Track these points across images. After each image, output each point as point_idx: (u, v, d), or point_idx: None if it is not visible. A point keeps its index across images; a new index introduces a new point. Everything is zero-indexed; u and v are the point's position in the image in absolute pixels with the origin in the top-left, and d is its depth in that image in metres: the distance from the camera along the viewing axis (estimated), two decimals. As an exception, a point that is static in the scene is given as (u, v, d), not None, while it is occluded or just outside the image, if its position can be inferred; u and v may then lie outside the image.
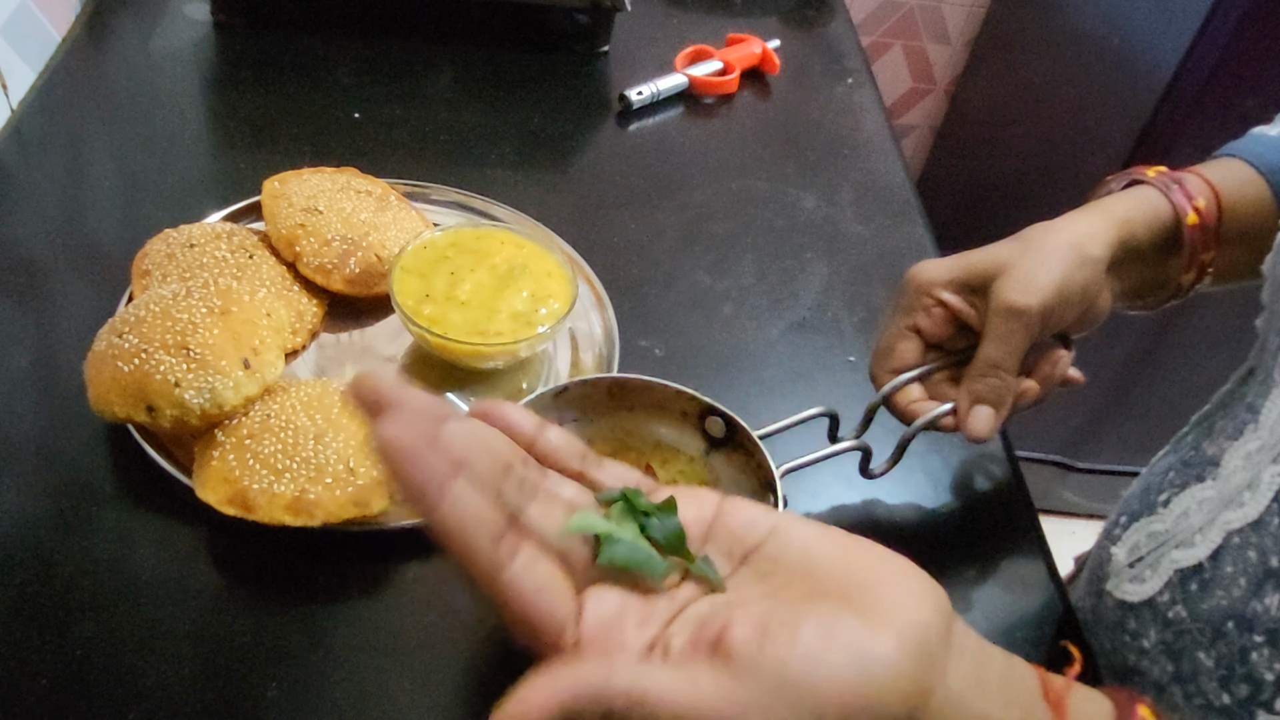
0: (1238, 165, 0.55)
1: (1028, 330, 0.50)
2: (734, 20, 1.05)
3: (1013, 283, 0.50)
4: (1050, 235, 0.52)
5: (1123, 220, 0.53)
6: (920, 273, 0.54)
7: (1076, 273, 0.51)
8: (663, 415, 0.52)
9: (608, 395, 0.51)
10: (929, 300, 0.54)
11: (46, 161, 0.78)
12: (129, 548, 0.54)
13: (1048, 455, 1.63)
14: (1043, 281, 0.50)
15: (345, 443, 0.54)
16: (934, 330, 0.54)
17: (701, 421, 0.51)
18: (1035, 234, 0.53)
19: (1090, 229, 0.52)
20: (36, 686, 0.48)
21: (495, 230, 0.67)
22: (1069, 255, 0.51)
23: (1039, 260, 0.51)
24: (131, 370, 0.53)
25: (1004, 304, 0.50)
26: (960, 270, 0.53)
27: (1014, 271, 0.51)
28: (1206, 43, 1.15)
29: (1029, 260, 0.51)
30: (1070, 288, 0.51)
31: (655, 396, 0.51)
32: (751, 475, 0.50)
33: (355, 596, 0.54)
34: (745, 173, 0.86)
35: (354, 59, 0.92)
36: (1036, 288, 0.50)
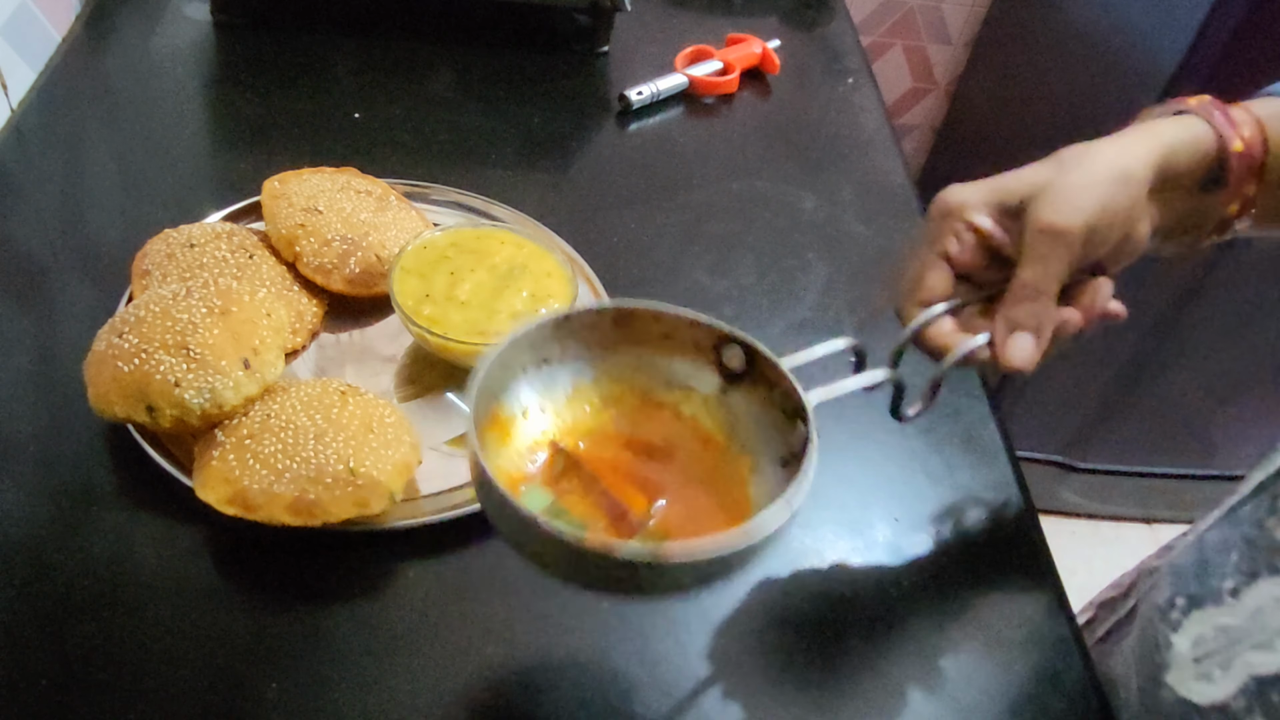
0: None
1: (1069, 252, 0.46)
2: (734, 20, 1.05)
3: (1053, 201, 0.46)
4: (1090, 154, 0.48)
5: (1167, 143, 0.49)
6: (950, 195, 0.50)
7: (1120, 192, 0.47)
8: (674, 348, 0.47)
9: (613, 326, 0.46)
10: (960, 225, 0.49)
11: (46, 161, 0.78)
12: (129, 548, 0.54)
13: (1048, 455, 1.63)
14: (1085, 200, 0.46)
15: (345, 443, 0.54)
16: (966, 258, 0.50)
17: (718, 354, 0.47)
18: (1073, 153, 0.49)
19: (1133, 148, 0.49)
20: (36, 686, 0.48)
21: (495, 230, 0.67)
22: (1112, 173, 0.47)
23: (1080, 178, 0.47)
24: (131, 370, 0.53)
25: (1044, 223, 0.46)
26: (994, 192, 0.49)
27: (1053, 190, 0.47)
28: (1206, 43, 1.15)
29: (1069, 178, 0.47)
30: (1114, 208, 0.47)
31: (664, 327, 0.46)
32: (775, 409, 0.45)
33: (355, 596, 0.54)
34: (745, 173, 0.86)
35: (354, 59, 0.92)
36: (1079, 206, 0.46)
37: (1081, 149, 0.49)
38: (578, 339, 0.47)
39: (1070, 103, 1.43)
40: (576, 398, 0.48)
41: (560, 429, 0.47)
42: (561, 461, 0.47)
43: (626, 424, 0.48)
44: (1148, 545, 1.76)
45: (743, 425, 0.48)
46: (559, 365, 0.47)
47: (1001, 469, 0.66)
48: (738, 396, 0.48)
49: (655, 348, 0.48)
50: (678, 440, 0.48)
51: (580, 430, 0.48)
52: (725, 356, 0.47)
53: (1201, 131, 0.50)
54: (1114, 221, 0.47)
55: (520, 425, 0.47)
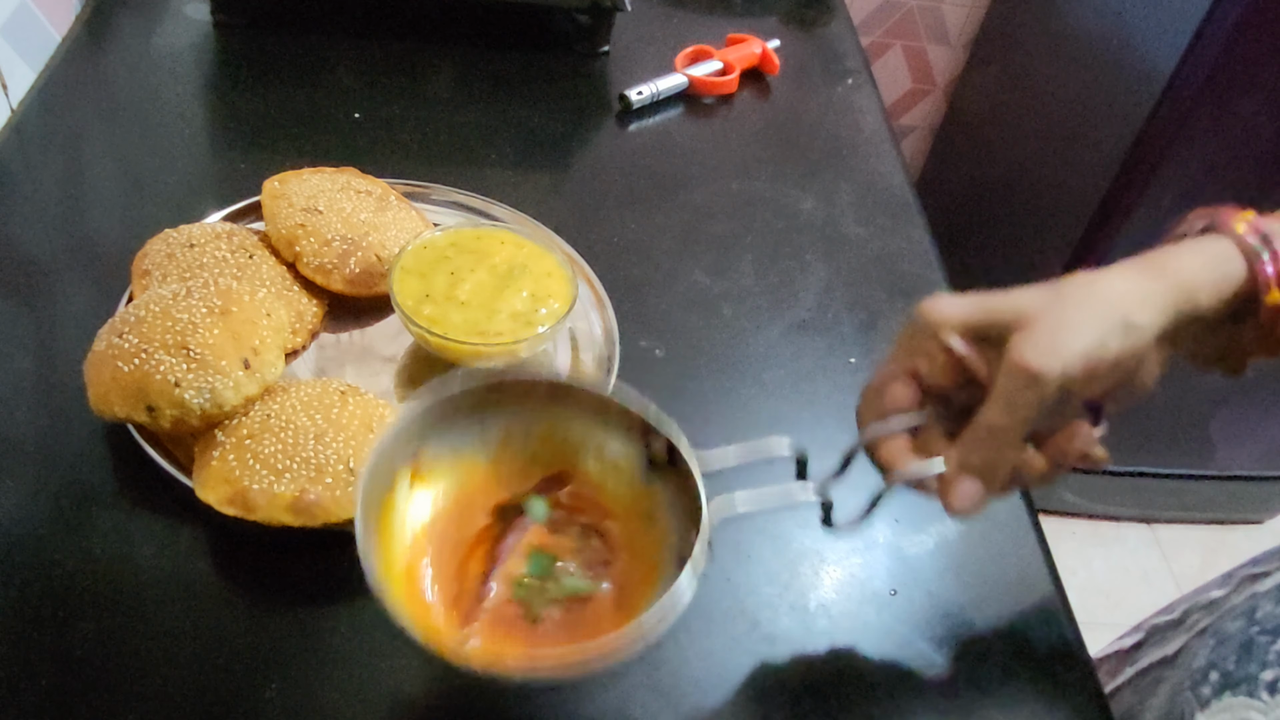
0: None
1: (1039, 399, 0.42)
2: (734, 20, 1.05)
3: (1033, 340, 0.42)
4: (1089, 290, 0.43)
5: (1183, 285, 0.43)
6: (930, 310, 0.46)
7: (1112, 340, 0.42)
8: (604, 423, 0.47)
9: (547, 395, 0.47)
10: (933, 343, 0.46)
11: (46, 161, 0.78)
12: (129, 548, 0.54)
13: (1047, 455, 1.63)
14: (1068, 346, 0.41)
15: (345, 443, 0.54)
16: (935, 378, 0.46)
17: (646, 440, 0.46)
18: (1072, 286, 0.44)
19: (1139, 290, 0.43)
20: (36, 686, 0.48)
21: (495, 230, 0.67)
22: (1107, 318, 0.42)
23: (1069, 318, 0.42)
24: (131, 370, 0.53)
25: (1017, 363, 0.42)
26: (976, 313, 0.45)
27: (1037, 326, 0.42)
28: (1205, 43, 1.15)
29: (1057, 316, 0.42)
30: (1101, 357, 0.42)
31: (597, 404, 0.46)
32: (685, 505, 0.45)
33: (355, 596, 0.54)
34: (745, 173, 0.86)
35: (354, 59, 0.92)
36: (1059, 352, 0.41)
37: (1085, 280, 0.44)
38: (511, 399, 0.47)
39: (1069, 103, 1.43)
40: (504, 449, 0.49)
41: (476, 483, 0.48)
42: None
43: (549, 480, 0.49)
44: (1148, 546, 1.76)
45: (661, 512, 0.47)
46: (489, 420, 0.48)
47: (1001, 469, 0.66)
48: (658, 483, 0.47)
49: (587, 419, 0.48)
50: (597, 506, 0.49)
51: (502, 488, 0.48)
52: (651, 443, 0.47)
53: (1234, 267, 0.44)
54: (1099, 373, 0.43)
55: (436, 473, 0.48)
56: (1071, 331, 0.42)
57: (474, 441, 0.48)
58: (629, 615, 0.43)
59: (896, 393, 0.47)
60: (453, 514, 0.48)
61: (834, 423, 0.67)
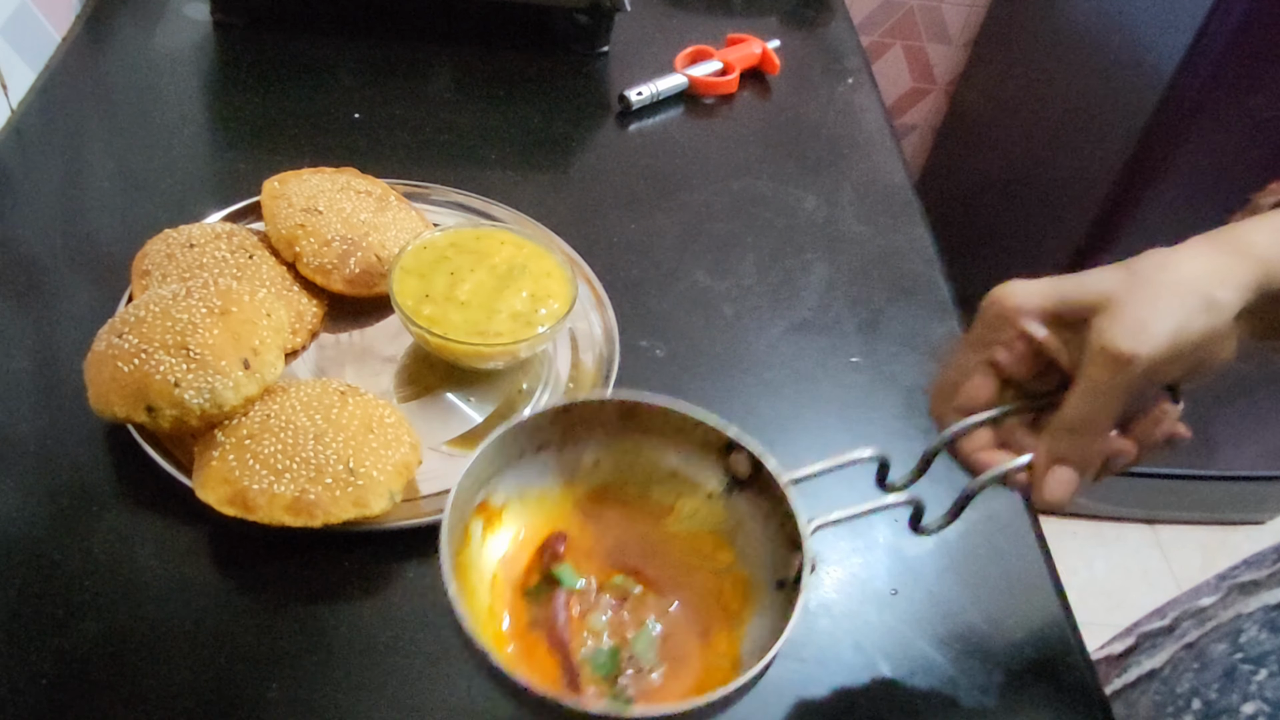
0: None
1: (1129, 384, 0.41)
2: (734, 20, 1.05)
3: (1119, 324, 0.41)
4: (1169, 270, 0.42)
5: (1263, 258, 0.42)
6: (1005, 296, 0.44)
7: (1196, 320, 0.41)
8: (681, 443, 0.45)
9: (618, 418, 0.45)
10: (1012, 332, 0.44)
11: (46, 161, 0.78)
12: (129, 548, 0.54)
13: (1048, 455, 1.63)
14: (1156, 328, 0.40)
15: (345, 443, 0.54)
16: (1015, 368, 0.45)
17: (726, 455, 0.45)
18: (1149, 265, 0.43)
19: (1219, 267, 0.42)
20: (36, 686, 0.48)
21: (495, 230, 0.67)
22: (1190, 298, 0.41)
23: (1153, 299, 0.41)
24: (131, 370, 0.53)
25: (1106, 348, 0.40)
26: (1055, 297, 0.43)
27: (1121, 310, 0.41)
28: (1207, 42, 1.15)
29: (1141, 297, 0.41)
30: (1187, 338, 0.41)
31: (672, 423, 0.45)
32: (776, 523, 0.44)
33: (355, 596, 0.54)
34: (745, 173, 0.86)
35: (354, 59, 0.92)
36: (1148, 334, 0.40)
37: (1161, 259, 0.43)
38: (581, 425, 0.46)
39: (1070, 102, 1.43)
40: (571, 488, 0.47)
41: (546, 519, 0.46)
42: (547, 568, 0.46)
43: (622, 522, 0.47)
44: (1149, 546, 1.76)
45: (744, 532, 0.45)
46: (556, 452, 0.46)
47: (1002, 469, 0.65)
48: (742, 500, 0.45)
49: (662, 440, 0.46)
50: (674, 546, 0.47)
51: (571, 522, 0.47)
52: (732, 460, 0.46)
53: None
54: (1184, 352, 0.41)
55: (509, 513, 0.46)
56: (1158, 313, 0.41)
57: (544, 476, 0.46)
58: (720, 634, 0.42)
59: (974, 387, 0.45)
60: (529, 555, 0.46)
61: (836, 422, 0.67)
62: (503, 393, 0.64)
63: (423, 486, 0.58)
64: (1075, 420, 0.42)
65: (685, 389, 0.67)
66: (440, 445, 0.61)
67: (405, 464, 0.55)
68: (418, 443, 0.57)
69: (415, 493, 0.58)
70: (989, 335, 0.45)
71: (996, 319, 0.45)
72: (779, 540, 0.44)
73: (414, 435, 0.57)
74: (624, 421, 0.46)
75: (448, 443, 0.61)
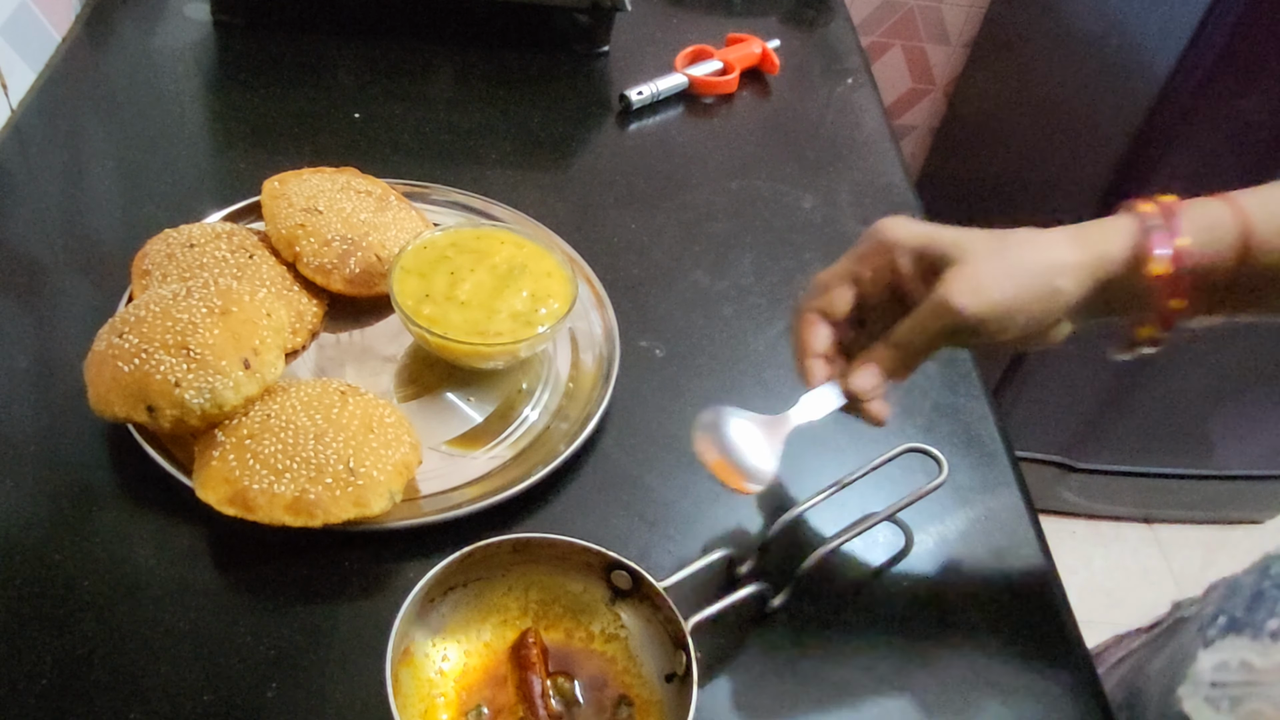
0: None
1: (951, 329, 0.47)
2: (734, 20, 1.05)
3: (962, 280, 0.47)
4: (1028, 249, 0.48)
5: (1107, 258, 0.48)
6: (888, 228, 0.51)
7: (1032, 300, 0.47)
8: (568, 568, 0.51)
9: (512, 553, 0.51)
10: (883, 257, 0.51)
11: (46, 161, 0.78)
12: (129, 548, 0.54)
13: (1048, 455, 1.63)
14: (992, 294, 0.47)
15: (345, 443, 0.54)
16: (873, 287, 0.51)
17: (607, 574, 0.51)
18: (1014, 240, 0.49)
19: (1070, 259, 0.48)
20: (36, 686, 0.48)
21: (495, 230, 0.67)
22: (1034, 279, 0.47)
23: (1000, 269, 0.47)
24: (131, 370, 0.53)
25: (942, 297, 0.47)
26: (926, 241, 0.50)
27: (970, 269, 0.47)
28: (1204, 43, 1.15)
29: (990, 265, 0.47)
30: (1017, 310, 0.47)
31: (558, 550, 0.50)
32: (659, 627, 0.50)
33: (355, 596, 0.54)
34: (745, 173, 0.86)
35: (354, 59, 0.92)
36: (980, 297, 0.46)
37: (1027, 237, 0.48)
38: (480, 566, 0.51)
39: (1069, 102, 1.43)
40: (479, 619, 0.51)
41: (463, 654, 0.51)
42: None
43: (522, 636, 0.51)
44: (1148, 545, 1.76)
45: (634, 636, 0.51)
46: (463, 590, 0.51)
47: (1001, 469, 0.66)
48: (627, 609, 0.51)
49: (551, 567, 0.52)
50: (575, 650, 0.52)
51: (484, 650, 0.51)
52: (614, 577, 0.51)
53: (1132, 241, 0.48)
54: (1012, 323, 0.47)
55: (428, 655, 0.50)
56: (999, 282, 0.47)
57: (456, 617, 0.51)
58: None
59: (838, 293, 0.52)
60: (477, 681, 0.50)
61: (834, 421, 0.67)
62: (503, 392, 0.64)
63: (423, 486, 0.58)
64: (898, 339, 0.50)
65: (685, 388, 0.67)
66: (440, 445, 0.61)
67: (405, 464, 0.55)
68: (418, 443, 0.57)
69: (415, 493, 0.58)
70: (865, 254, 0.52)
71: (875, 244, 0.51)
72: (663, 638, 0.50)
73: (414, 435, 0.57)
74: (517, 555, 0.51)
75: (448, 443, 0.61)
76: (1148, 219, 0.48)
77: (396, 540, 0.55)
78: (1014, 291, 0.47)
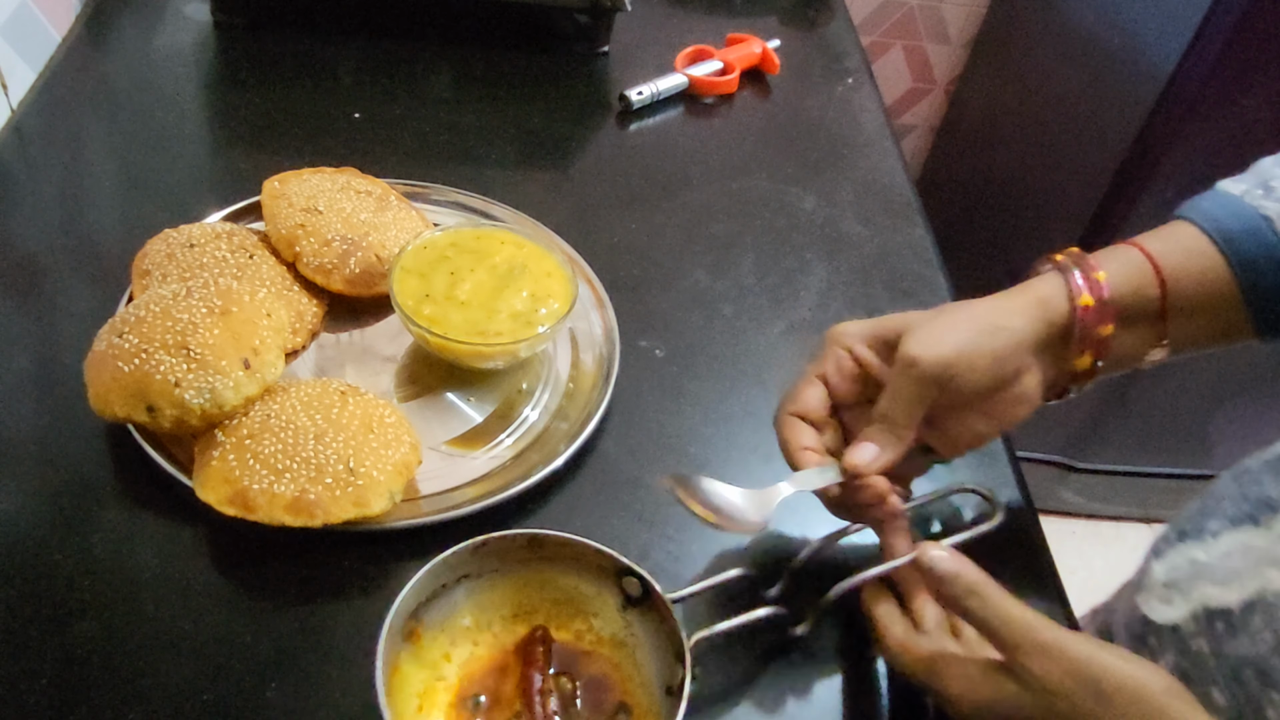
0: (1188, 232, 0.53)
1: (922, 386, 0.50)
2: (734, 20, 1.05)
3: (917, 337, 0.50)
4: (967, 307, 0.52)
5: (1041, 298, 0.52)
6: (837, 330, 0.56)
7: (985, 339, 0.50)
8: (581, 569, 0.51)
9: (526, 547, 0.51)
10: (841, 352, 0.55)
11: (46, 161, 0.78)
12: (129, 548, 0.54)
13: (1048, 455, 1.63)
14: (945, 340, 0.50)
15: (345, 443, 0.54)
16: (840, 381, 0.55)
17: (619, 579, 0.51)
18: (951, 306, 0.53)
19: (1007, 304, 0.52)
20: (36, 686, 0.48)
21: (495, 230, 0.67)
22: (979, 322, 0.51)
23: (947, 321, 0.51)
24: (131, 370, 0.53)
25: (903, 354, 0.50)
26: (874, 326, 0.54)
27: (920, 329, 0.51)
28: (1205, 42, 1.15)
29: (938, 321, 0.51)
30: (977, 352, 0.50)
31: (573, 550, 0.51)
32: (665, 639, 0.50)
33: (355, 596, 0.54)
34: (745, 173, 0.86)
35: (354, 59, 0.92)
36: (937, 345, 0.50)
37: (971, 302, 0.53)
38: (494, 557, 0.51)
39: (1069, 102, 1.43)
40: (489, 610, 0.52)
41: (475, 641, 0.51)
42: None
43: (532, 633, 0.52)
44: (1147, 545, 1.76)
45: (640, 643, 0.51)
46: (476, 580, 0.51)
47: (1001, 469, 0.66)
48: (635, 616, 0.51)
49: (565, 566, 0.52)
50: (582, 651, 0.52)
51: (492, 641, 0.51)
52: (625, 583, 0.51)
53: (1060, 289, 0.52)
54: (977, 365, 0.50)
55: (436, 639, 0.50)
56: (949, 330, 0.51)
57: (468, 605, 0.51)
58: None
59: (807, 395, 0.55)
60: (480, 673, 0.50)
61: (834, 422, 0.67)
62: (503, 393, 0.64)
63: (423, 486, 0.58)
64: (880, 410, 0.52)
65: (684, 389, 0.67)
66: (440, 445, 0.61)
67: (405, 464, 0.55)
68: (418, 443, 0.57)
69: (415, 493, 0.58)
70: (824, 355, 0.55)
71: (830, 347, 0.55)
72: (667, 651, 0.49)
73: (414, 435, 0.57)
74: (531, 551, 0.51)
75: (447, 443, 0.61)
76: (1064, 264, 0.53)
77: (396, 540, 0.55)
78: (968, 335, 0.50)
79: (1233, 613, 0.47)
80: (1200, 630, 0.49)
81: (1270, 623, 0.46)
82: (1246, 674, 0.46)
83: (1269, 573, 0.47)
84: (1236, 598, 0.48)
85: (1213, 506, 0.55)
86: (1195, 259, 0.52)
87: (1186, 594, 0.51)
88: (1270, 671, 0.45)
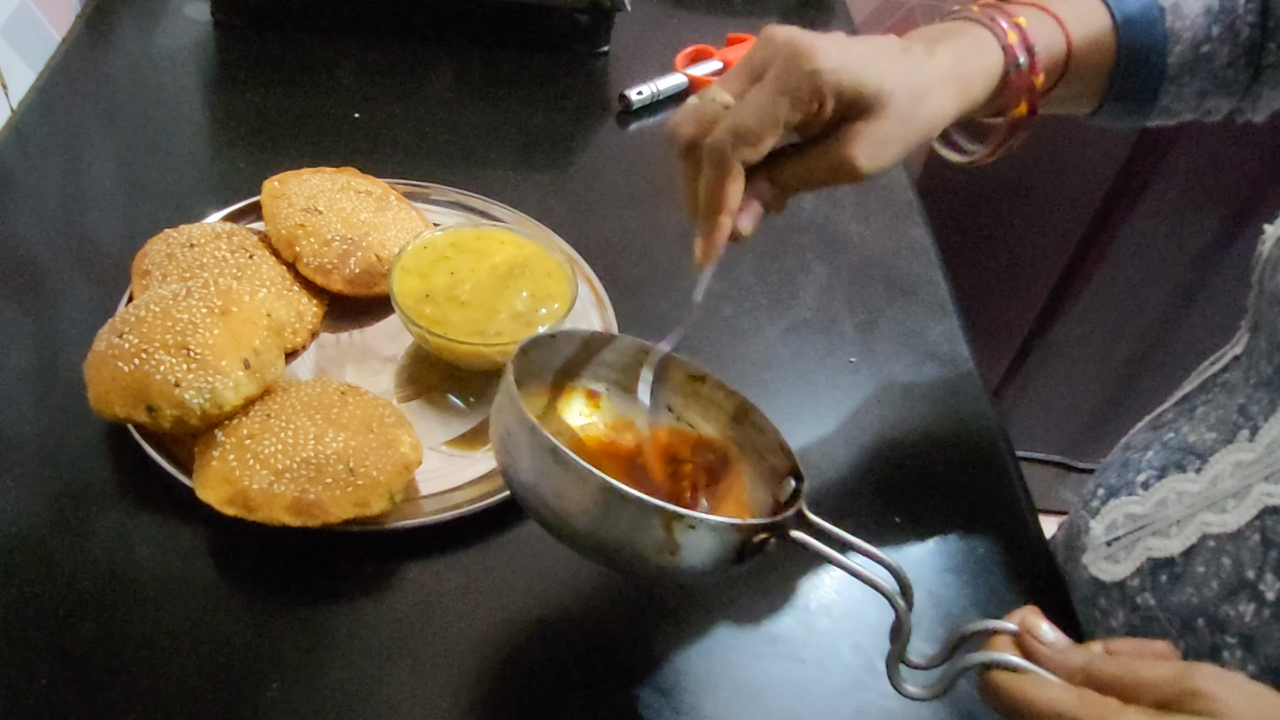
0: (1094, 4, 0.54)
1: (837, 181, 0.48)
2: (734, 20, 1.05)
3: (866, 138, 0.47)
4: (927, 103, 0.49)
5: (970, 96, 0.51)
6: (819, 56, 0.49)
7: (916, 146, 0.49)
8: (760, 466, 0.51)
9: (731, 413, 0.52)
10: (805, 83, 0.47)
11: (46, 161, 0.78)
12: (129, 548, 0.54)
13: (1048, 455, 1.63)
14: (888, 153, 0.47)
15: (345, 443, 0.54)
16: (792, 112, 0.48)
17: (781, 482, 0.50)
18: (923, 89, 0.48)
19: (952, 108, 0.50)
20: (36, 686, 0.48)
21: (495, 230, 0.67)
22: (924, 134, 0.49)
23: (902, 131, 0.48)
24: (131, 370, 0.53)
25: (846, 156, 0.47)
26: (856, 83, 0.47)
27: (876, 126, 0.47)
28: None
29: (895, 125, 0.47)
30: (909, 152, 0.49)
31: (767, 441, 0.51)
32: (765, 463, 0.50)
33: (355, 596, 0.54)
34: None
35: (354, 59, 0.92)
36: (880, 157, 0.47)
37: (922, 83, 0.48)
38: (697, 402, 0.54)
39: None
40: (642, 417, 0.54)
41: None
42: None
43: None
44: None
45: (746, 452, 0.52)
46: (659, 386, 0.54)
47: (1001, 469, 0.66)
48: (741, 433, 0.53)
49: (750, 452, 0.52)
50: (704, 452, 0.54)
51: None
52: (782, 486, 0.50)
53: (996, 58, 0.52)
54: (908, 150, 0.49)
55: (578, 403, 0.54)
56: (897, 142, 0.47)
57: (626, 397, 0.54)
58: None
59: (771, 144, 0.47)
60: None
61: (834, 421, 0.67)
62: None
63: (423, 486, 0.58)
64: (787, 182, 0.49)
65: (685, 389, 0.67)
66: (440, 445, 0.61)
67: (405, 464, 0.55)
68: (418, 443, 0.57)
69: (415, 493, 0.58)
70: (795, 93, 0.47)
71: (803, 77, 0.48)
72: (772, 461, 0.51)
73: (414, 435, 0.57)
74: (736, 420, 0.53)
75: (447, 443, 0.61)
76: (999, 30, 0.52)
77: (396, 540, 0.55)
78: (906, 147, 0.48)
79: (1175, 561, 0.49)
80: (1146, 584, 0.51)
81: (1214, 567, 0.47)
82: (1198, 623, 0.47)
83: (1207, 516, 0.48)
84: (1178, 546, 0.49)
85: (1136, 459, 0.56)
86: (1093, 31, 0.54)
87: (1129, 549, 0.52)
88: (1220, 618, 0.46)
